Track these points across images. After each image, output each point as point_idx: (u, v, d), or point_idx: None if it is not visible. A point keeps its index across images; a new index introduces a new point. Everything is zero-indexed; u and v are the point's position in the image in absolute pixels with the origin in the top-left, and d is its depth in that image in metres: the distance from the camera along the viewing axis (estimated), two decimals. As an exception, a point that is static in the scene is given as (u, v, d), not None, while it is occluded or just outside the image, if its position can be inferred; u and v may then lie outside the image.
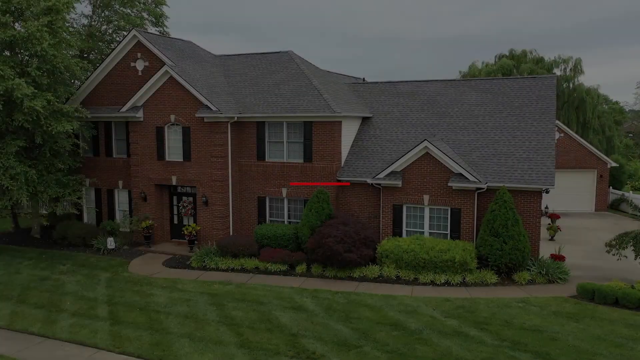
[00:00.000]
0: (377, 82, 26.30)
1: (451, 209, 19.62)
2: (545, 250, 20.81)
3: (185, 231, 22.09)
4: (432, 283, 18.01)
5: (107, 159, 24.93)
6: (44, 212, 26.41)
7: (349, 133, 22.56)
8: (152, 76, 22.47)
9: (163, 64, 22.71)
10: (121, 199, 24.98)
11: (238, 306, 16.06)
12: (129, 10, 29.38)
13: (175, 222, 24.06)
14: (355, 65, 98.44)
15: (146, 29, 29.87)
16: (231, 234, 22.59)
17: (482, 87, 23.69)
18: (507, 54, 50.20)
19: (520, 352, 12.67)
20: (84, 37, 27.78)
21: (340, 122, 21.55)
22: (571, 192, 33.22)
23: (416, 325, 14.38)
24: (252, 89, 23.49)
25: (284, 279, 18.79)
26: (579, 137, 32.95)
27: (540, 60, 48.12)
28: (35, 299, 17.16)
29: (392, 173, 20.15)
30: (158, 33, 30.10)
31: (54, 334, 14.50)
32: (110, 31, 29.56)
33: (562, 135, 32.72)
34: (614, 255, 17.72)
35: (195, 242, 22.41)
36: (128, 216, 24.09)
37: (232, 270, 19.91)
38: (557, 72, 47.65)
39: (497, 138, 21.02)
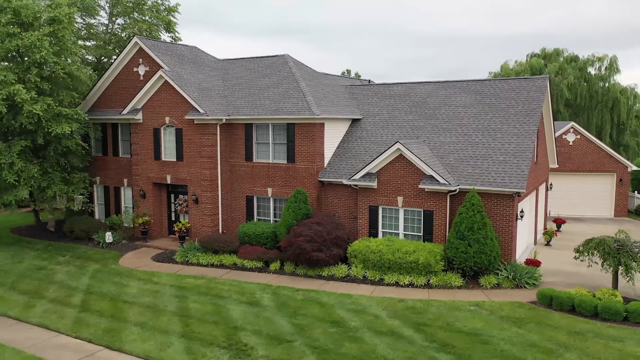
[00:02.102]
0: (372, 84, 26.51)
1: (424, 211, 19.65)
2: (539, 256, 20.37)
3: (175, 227, 23.26)
4: (397, 284, 18.17)
5: (113, 159, 26.59)
6: (63, 207, 28.44)
7: (334, 134, 22.97)
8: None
9: (162, 68, 23.99)
10: (126, 195, 26.55)
11: (199, 299, 16.93)
12: (146, 17, 31.00)
13: (173, 218, 25.32)
14: (413, 65, 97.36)
15: (159, 35, 31.48)
16: (220, 231, 23.56)
17: (473, 88, 23.43)
18: (539, 52, 48.67)
19: (444, 354, 12.74)
20: (101, 44, 29.66)
21: (323, 124, 22.01)
22: (588, 197, 32.02)
23: (356, 323, 14.68)
24: (244, 92, 24.36)
25: (256, 276, 19.50)
26: (596, 139, 31.64)
27: (573, 59, 46.44)
28: (25, 286, 18.76)
29: (368, 174, 20.40)
30: (171, 39, 31.67)
31: (27, 318, 15.88)
32: (126, 37, 31.34)
33: (578, 137, 31.55)
34: (582, 261, 17.20)
35: (186, 238, 23.55)
36: (128, 212, 25.60)
37: (212, 265, 20.84)
38: (592, 71, 45.85)
39: (477, 140, 20.81)
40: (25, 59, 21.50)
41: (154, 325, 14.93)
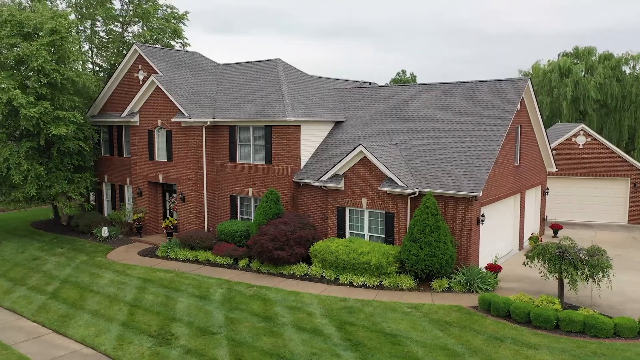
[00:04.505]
0: (361, 87, 26.79)
1: (386, 213, 19.83)
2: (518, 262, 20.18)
3: (163, 224, 24.62)
4: (350, 284, 18.50)
5: (118, 159, 28.41)
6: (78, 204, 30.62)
7: (313, 137, 23.49)
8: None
9: (157, 73, 25.46)
10: (129, 193, 28.28)
11: (156, 291, 18.02)
12: (156, 25, 32.81)
13: (168, 216, 26.73)
14: (473, 63, 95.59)
15: (169, 42, 33.20)
16: (206, 228, 24.68)
17: (454, 90, 23.23)
18: (572, 51, 46.74)
19: (350, 352, 13.06)
20: (115, 51, 31.71)
21: (299, 126, 22.60)
22: (600, 202, 30.65)
23: (286, 320, 15.22)
24: (232, 95, 25.36)
25: (224, 271, 20.39)
26: (608, 142, 30.21)
27: (607, 58, 44.30)
28: (14, 274, 20.63)
29: (335, 176, 20.80)
30: (180, 45, 33.33)
31: (1, 302, 17.57)
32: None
33: (588, 139, 30.27)
34: (530, 267, 16.84)
35: (174, 234, 24.85)
36: (126, 209, 27.28)
37: (188, 261, 21.95)
38: (627, 69, 43.52)
39: (446, 143, 20.70)
40: (23, 67, 23.47)
41: (104, 313, 16.14)
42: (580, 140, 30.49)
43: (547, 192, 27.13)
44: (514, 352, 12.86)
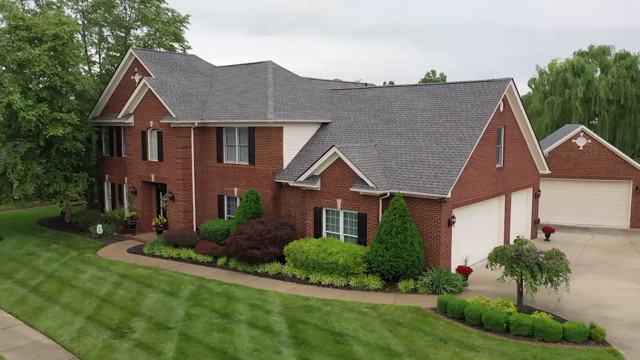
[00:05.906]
0: (351, 89, 26.93)
1: (359, 214, 19.95)
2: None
3: (153, 222, 25.34)
4: (319, 283, 18.71)
5: (117, 158, 29.36)
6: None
7: (297, 138, 23.77)
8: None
9: (151, 76, 26.24)
10: (126, 192, 29.16)
11: (130, 287, 18.65)
12: (158, 28, 33.75)
13: (161, 214, 27.47)
14: (518, 62, 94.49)
15: (172, 45, 34.08)
16: (195, 227, 25.28)
17: (437, 92, 23.14)
18: (587, 50, 45.60)
19: (292, 349, 13.30)
20: (118, 54, 32.79)
21: (281, 128, 22.92)
22: (601, 206, 29.88)
23: (243, 317, 15.57)
24: (222, 97, 25.90)
25: (202, 269, 20.90)
26: (609, 144, 29.42)
27: (624, 57, 43.05)
28: (5, 268, 21.63)
29: (312, 177, 21.04)
30: (182, 48, 34.16)
31: (-15, 294, 18.53)
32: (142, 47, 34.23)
33: (589, 141, 29.56)
34: (493, 270, 16.67)
35: (164, 232, 25.52)
36: (121, 207, 28.16)
37: (172, 258, 22.57)
38: (643, 69, 42.17)
39: (423, 145, 20.66)
40: (26, 71, 24.56)
41: (74, 307, 16.83)
42: (581, 142, 29.80)
43: (539, 195, 26.64)
44: (453, 354, 12.85)
